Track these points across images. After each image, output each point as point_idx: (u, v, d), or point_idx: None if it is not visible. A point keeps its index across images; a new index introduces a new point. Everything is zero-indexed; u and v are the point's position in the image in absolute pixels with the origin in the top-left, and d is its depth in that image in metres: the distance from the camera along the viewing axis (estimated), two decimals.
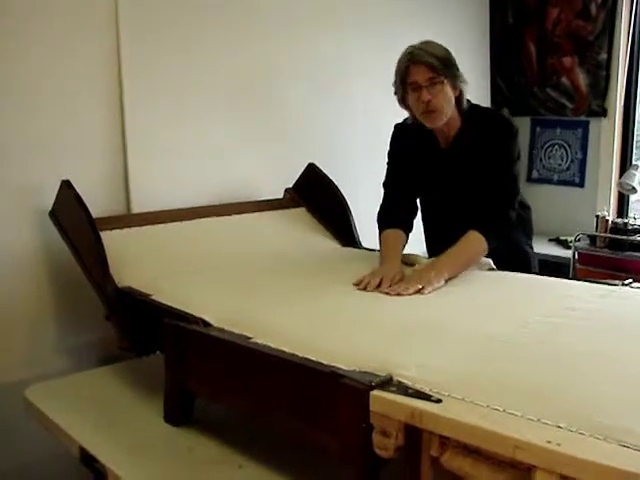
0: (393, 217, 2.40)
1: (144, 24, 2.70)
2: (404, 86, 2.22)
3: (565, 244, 3.93)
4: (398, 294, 1.95)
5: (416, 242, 2.50)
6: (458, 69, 2.21)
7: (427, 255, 2.49)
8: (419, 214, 2.50)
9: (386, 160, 2.50)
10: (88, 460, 1.79)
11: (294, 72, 3.24)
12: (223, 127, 2.97)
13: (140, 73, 2.70)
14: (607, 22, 3.90)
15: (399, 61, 2.23)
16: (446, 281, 2.04)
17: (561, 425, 1.12)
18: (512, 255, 2.33)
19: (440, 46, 2.21)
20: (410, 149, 2.41)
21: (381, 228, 2.40)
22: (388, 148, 2.49)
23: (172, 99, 2.79)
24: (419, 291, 1.95)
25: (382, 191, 2.50)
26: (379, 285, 2.02)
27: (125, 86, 2.65)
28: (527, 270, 2.28)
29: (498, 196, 2.23)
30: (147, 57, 2.72)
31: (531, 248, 2.50)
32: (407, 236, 2.38)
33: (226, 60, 2.97)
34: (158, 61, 2.75)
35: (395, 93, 2.29)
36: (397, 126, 2.47)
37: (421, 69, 2.15)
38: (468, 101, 2.30)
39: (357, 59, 3.47)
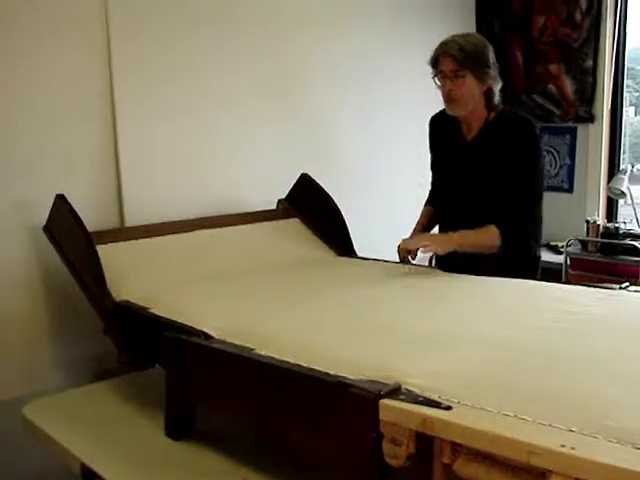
0: (429, 196, 2.72)
1: (136, 30, 2.69)
2: (435, 72, 2.35)
3: (556, 249, 3.94)
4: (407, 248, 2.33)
5: None
6: (489, 66, 2.31)
7: None
8: None
9: None
10: (90, 477, 1.77)
11: (288, 83, 3.25)
12: (217, 139, 2.97)
13: (132, 83, 2.69)
14: (592, 29, 3.94)
15: (435, 48, 2.35)
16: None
17: (573, 429, 1.12)
18: (523, 264, 2.38)
19: (475, 41, 2.32)
20: (440, 138, 2.57)
21: None
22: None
23: (165, 111, 2.78)
24: (425, 246, 2.30)
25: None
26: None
27: (117, 98, 2.64)
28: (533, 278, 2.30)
29: (519, 205, 2.33)
30: (140, 67, 2.71)
31: (538, 258, 2.55)
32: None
33: (221, 70, 2.96)
34: (151, 71, 2.74)
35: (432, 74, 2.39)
36: (432, 117, 2.61)
37: (447, 60, 2.29)
38: (503, 107, 2.41)
39: (344, 66, 3.47)
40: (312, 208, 2.91)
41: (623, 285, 2.06)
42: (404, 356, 1.49)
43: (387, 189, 3.64)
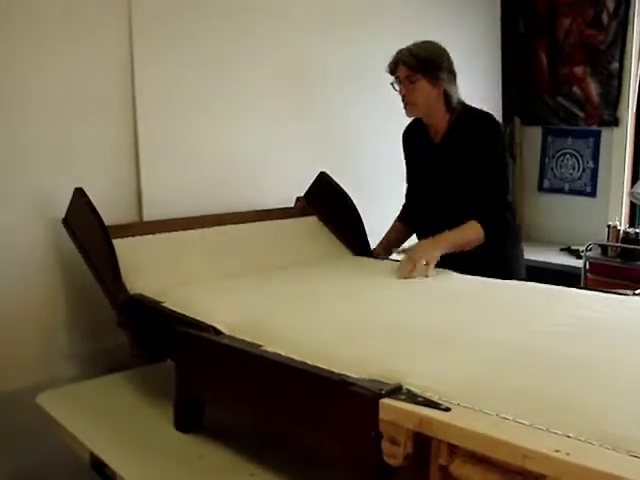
0: (401, 211, 2.86)
1: (158, 25, 2.72)
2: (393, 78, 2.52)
3: (576, 254, 3.91)
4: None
5: None
6: (441, 70, 2.44)
7: None
8: None
9: None
10: (98, 466, 1.80)
11: (308, 82, 3.26)
12: (237, 135, 2.99)
13: (153, 79, 2.71)
14: (619, 32, 3.90)
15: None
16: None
17: (570, 435, 1.12)
18: (492, 258, 2.44)
19: (429, 47, 2.47)
20: (412, 147, 2.73)
21: None
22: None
23: (185, 106, 2.81)
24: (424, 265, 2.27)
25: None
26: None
27: (138, 93, 2.67)
28: (508, 273, 2.37)
29: (490, 193, 2.45)
30: (161, 62, 2.73)
31: (516, 251, 2.64)
32: (411, 227, 2.79)
33: (242, 67, 2.98)
34: (173, 67, 2.76)
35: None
36: (404, 130, 2.76)
37: (401, 67, 2.46)
38: (466, 104, 2.53)
39: (365, 66, 3.45)
40: (330, 207, 2.92)
41: (637, 291, 2.04)
42: (408, 356, 1.50)
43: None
